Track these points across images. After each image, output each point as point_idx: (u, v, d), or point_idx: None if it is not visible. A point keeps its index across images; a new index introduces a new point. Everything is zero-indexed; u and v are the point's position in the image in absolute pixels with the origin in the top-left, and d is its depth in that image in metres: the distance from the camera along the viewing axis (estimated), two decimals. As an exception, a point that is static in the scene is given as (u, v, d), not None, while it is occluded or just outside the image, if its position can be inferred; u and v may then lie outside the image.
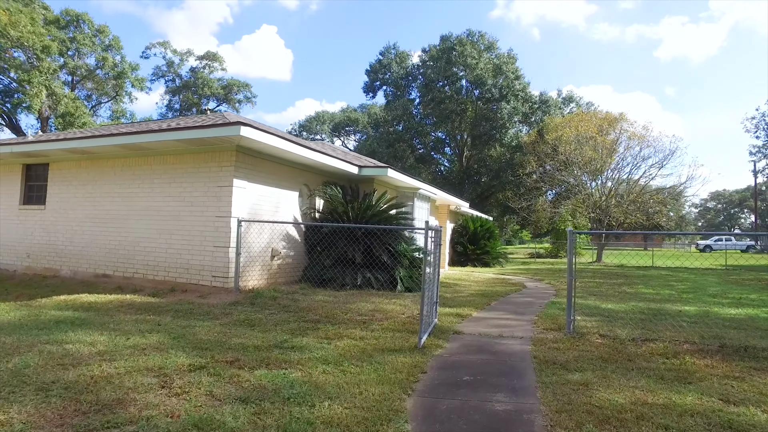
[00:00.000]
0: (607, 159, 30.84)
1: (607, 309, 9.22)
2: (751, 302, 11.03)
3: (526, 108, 42.03)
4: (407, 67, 49.00)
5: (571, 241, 6.72)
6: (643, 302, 10.55)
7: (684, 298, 11.72)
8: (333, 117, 76.55)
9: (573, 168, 31.33)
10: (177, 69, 63.98)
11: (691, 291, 13.49)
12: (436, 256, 7.46)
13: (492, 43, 43.97)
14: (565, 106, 44.33)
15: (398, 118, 47.41)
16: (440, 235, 7.43)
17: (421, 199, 16.10)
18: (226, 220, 9.44)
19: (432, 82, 43.85)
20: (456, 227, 24.02)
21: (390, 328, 6.82)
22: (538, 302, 10.33)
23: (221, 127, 8.71)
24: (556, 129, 33.12)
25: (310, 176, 12.23)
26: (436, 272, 7.45)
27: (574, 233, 6.72)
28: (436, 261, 7.45)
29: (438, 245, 7.44)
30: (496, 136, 42.18)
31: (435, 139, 49.50)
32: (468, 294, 11.40)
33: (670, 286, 14.86)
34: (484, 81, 40.99)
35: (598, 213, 30.65)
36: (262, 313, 7.56)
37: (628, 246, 60.53)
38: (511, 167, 39.34)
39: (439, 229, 7.36)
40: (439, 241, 7.41)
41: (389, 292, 10.57)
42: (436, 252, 7.45)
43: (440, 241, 7.45)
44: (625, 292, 12.78)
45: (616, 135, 31.99)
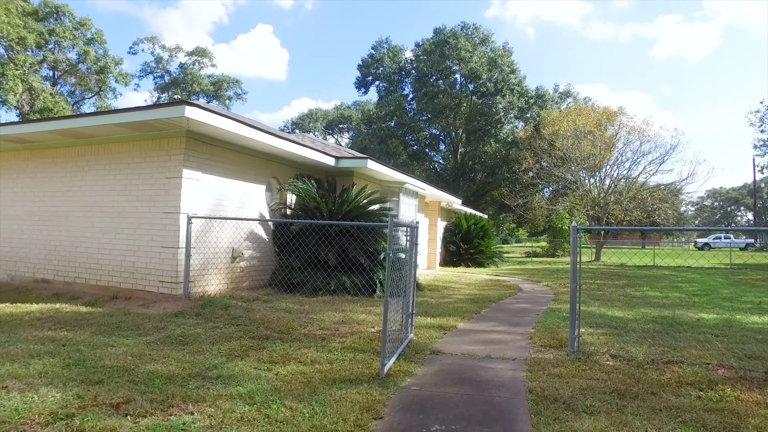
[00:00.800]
0: (605, 154, 29.66)
1: (614, 318, 7.99)
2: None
3: (522, 102, 40.80)
4: (400, 61, 47.72)
5: (575, 238, 5.49)
6: (653, 308, 9.34)
7: (697, 302, 10.52)
8: (326, 114, 75.27)
9: (570, 164, 30.13)
10: (166, 65, 62.63)
11: (702, 294, 12.30)
12: (412, 257, 6.22)
13: (487, 36, 42.74)
14: (562, 101, 43.16)
15: (391, 114, 46.12)
16: (416, 232, 6.18)
17: (408, 195, 14.85)
18: (174, 217, 8.17)
19: (425, 76, 42.58)
20: (448, 225, 22.79)
21: (353, 346, 5.57)
22: (534, 309, 9.09)
23: (163, 108, 7.44)
24: (553, 123, 31.92)
25: (280, 168, 10.96)
26: (411, 276, 6.21)
27: (578, 230, 5.49)
28: (411, 263, 6.21)
29: (414, 244, 6.20)
30: (491, 132, 40.93)
31: (429, 135, 48.23)
32: (456, 299, 10.16)
33: (678, 288, 13.67)
34: (478, 75, 39.75)
35: (596, 210, 29.47)
36: (203, 327, 6.30)
37: (626, 244, 59.54)
38: (507, 163, 38.13)
39: (413, 226, 6.12)
40: (415, 239, 6.17)
41: (366, 299, 9.32)
42: (412, 252, 6.21)
43: (416, 240, 6.20)
44: (630, 295, 11.57)
45: (615, 130, 30.83)
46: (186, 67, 62.41)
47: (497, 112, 40.21)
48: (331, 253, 9.90)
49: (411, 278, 6.20)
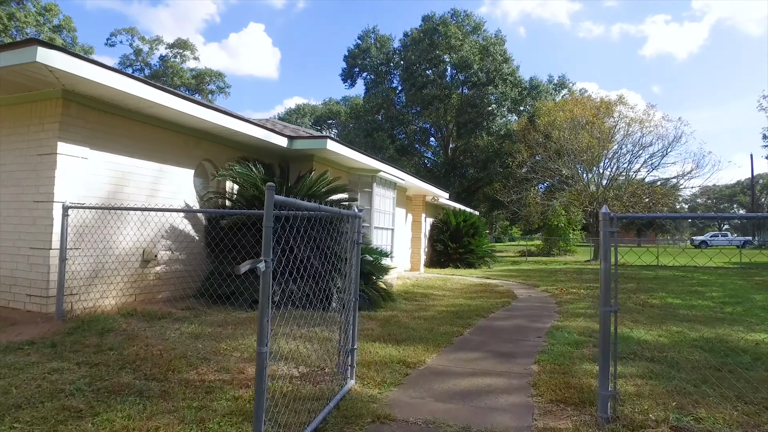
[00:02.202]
0: (604, 146, 27.68)
1: (644, 342, 5.90)
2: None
3: (515, 94, 38.74)
4: (388, 52, 45.52)
5: (608, 234, 3.38)
6: (684, 324, 7.28)
7: (733, 314, 8.48)
8: (314, 110, 73.18)
9: (567, 157, 28.13)
10: (146, 58, 60.15)
11: (733, 301, 10.28)
12: (351, 266, 4.12)
13: (478, 24, 40.67)
14: (557, 93, 41.17)
15: (378, 106, 43.97)
16: (357, 225, 4.06)
17: (384, 186, 12.73)
18: (46, 207, 5.99)
19: (413, 65, 40.42)
20: (435, 222, 20.69)
21: (248, 409, 3.42)
22: (534, 327, 6.98)
23: (5, 52, 5.22)
24: (549, 113, 29.88)
25: (218, 150, 8.80)
26: (351, 292, 4.10)
27: (614, 218, 3.38)
28: (351, 275, 4.10)
29: (356, 243, 4.09)
30: (483, 124, 38.86)
31: (418, 129, 46.07)
32: (435, 312, 8.04)
33: (699, 294, 11.66)
34: (469, 64, 37.63)
35: (595, 206, 27.48)
36: (38, 369, 4.14)
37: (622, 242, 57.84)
38: (500, 157, 36.09)
39: (354, 215, 4.01)
40: (356, 236, 4.06)
41: (317, 313, 7.19)
42: (351, 255, 4.11)
43: (359, 238, 4.08)
44: (648, 304, 9.51)
45: (615, 120, 28.83)
46: (167, 59, 59.96)
47: (489, 104, 38.15)
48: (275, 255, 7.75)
49: (351, 295, 4.08)
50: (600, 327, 3.44)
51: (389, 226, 13.18)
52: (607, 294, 3.38)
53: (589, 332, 6.37)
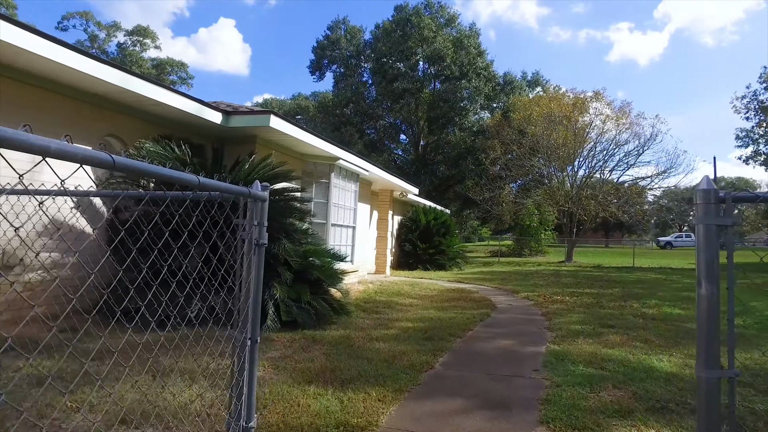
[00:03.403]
0: (580, 144, 26.69)
1: (669, 376, 4.42)
2: None
3: (489, 89, 37.51)
4: (358, 44, 43.73)
5: (714, 233, 1.80)
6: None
7: (748, 327, 7.17)
8: (282, 104, 70.84)
9: (542, 154, 27.04)
10: (102, 45, 56.67)
11: (739, 312, 9.01)
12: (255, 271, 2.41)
13: (453, 16, 39.31)
14: (531, 90, 40.20)
15: (347, 100, 42.16)
16: (263, 213, 2.35)
17: (344, 177, 11.06)
18: None
19: (384, 57, 38.76)
20: (403, 221, 19.13)
21: None
22: (525, 354, 5.42)
23: None
24: (525, 108, 28.72)
25: (129, 124, 6.98)
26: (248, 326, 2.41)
27: (729, 197, 1.80)
28: (251, 298, 2.41)
29: (257, 245, 2.39)
30: (456, 120, 37.49)
31: (388, 124, 44.46)
32: (398, 330, 6.43)
33: (690, 300, 10.41)
34: (442, 56, 36.21)
35: (569, 205, 26.45)
36: None
37: (588, 243, 57.65)
38: (472, 154, 34.81)
39: (251, 196, 2.32)
40: (260, 237, 2.36)
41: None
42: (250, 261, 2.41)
43: (263, 239, 2.37)
44: (647, 316, 8.13)
45: (591, 117, 27.91)
46: (125, 47, 56.66)
47: (462, 98, 36.82)
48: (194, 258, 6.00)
49: (247, 331, 2.41)
50: (698, 409, 1.86)
51: (350, 223, 11.52)
52: (713, 344, 1.82)
53: (600, 362, 4.87)
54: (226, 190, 2.08)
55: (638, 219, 30.10)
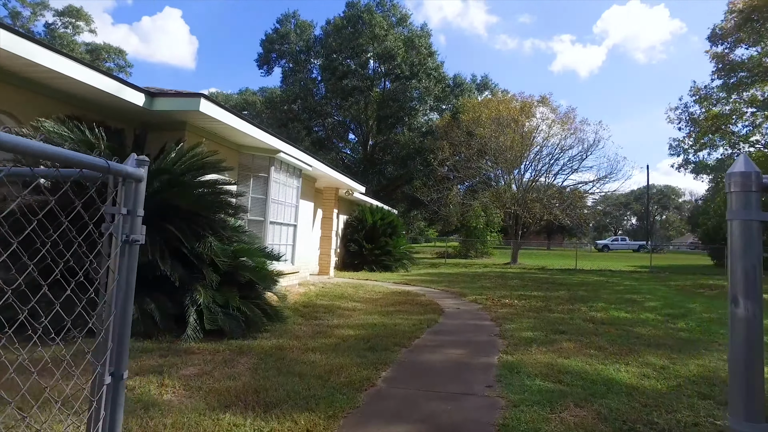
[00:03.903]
0: (527, 147, 27.03)
1: (630, 389, 4.06)
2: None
3: (439, 90, 37.52)
4: (308, 39, 42.69)
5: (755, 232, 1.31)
6: (657, 351, 5.65)
7: (692, 331, 7.06)
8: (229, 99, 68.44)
9: (490, 156, 27.19)
10: (27, 23, 52.53)
11: (677, 313, 9.06)
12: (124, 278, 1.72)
13: (404, 15, 39.09)
14: (480, 93, 40.58)
15: (295, 96, 41.06)
16: (137, 198, 1.69)
17: (285, 172, 10.33)
18: None
19: (334, 53, 38.00)
20: (349, 220, 18.53)
21: None
22: (476, 365, 4.95)
23: None
24: (474, 110, 28.80)
25: (28, 100, 6.01)
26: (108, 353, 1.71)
27: None
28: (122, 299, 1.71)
29: (126, 242, 1.71)
30: (405, 120, 37.29)
31: (337, 122, 43.66)
32: (338, 339, 5.82)
33: (637, 303, 10.45)
34: (393, 55, 35.88)
35: (516, 208, 26.72)
36: None
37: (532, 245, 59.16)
38: (421, 154, 34.66)
39: (120, 173, 1.63)
40: (131, 231, 1.69)
41: (155, 346, 4.78)
42: (123, 264, 1.72)
43: (135, 233, 1.70)
44: (596, 320, 7.94)
45: (537, 122, 28.36)
46: (54, 28, 52.83)
47: (412, 98, 36.64)
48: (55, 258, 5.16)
49: (108, 359, 1.72)
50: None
51: (291, 221, 10.80)
52: (755, 387, 1.32)
53: (557, 374, 4.46)
54: (75, 163, 1.42)
55: (579, 222, 30.91)
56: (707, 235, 30.62)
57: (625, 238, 65.36)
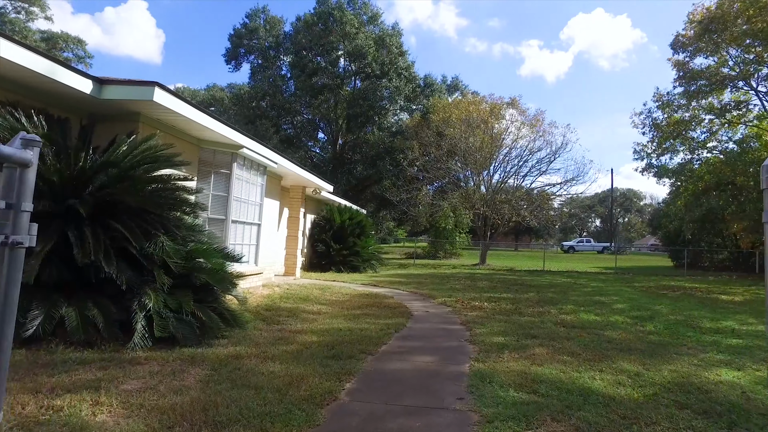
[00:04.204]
0: (496, 148, 27.14)
1: (612, 400, 3.86)
2: None
3: (409, 90, 37.38)
4: (278, 35, 41.91)
5: None
6: (628, 356, 5.52)
7: (660, 334, 6.99)
8: (195, 95, 66.83)
9: (459, 157, 27.19)
10: (-28, 8, 49.84)
11: (644, 315, 9.05)
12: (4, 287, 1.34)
13: (376, 14, 38.76)
14: (450, 94, 40.65)
15: (264, 93, 40.23)
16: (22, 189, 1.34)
17: (249, 168, 9.89)
18: None
19: (304, 49, 37.39)
20: (317, 220, 18.12)
21: None
22: (446, 375, 4.67)
23: None
24: (444, 110, 28.75)
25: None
26: None
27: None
28: None
29: (6, 244, 1.34)
30: (375, 119, 36.99)
31: (306, 120, 43.01)
32: (300, 345, 5.45)
33: (604, 305, 10.44)
34: (364, 54, 35.52)
35: (484, 209, 26.78)
36: None
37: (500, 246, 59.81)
38: (390, 154, 34.43)
39: None
40: (13, 230, 1.32)
41: (98, 357, 4.34)
42: None
43: (19, 232, 1.35)
44: (567, 323, 7.81)
45: (507, 124, 28.52)
46: (4, 13, 50.25)
47: (382, 98, 36.37)
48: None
49: None
50: None
51: (255, 220, 10.35)
52: None
53: (531, 384, 4.23)
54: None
55: (546, 224, 31.29)
56: (668, 237, 31.45)
57: (590, 240, 66.69)
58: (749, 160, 22.19)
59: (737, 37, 22.37)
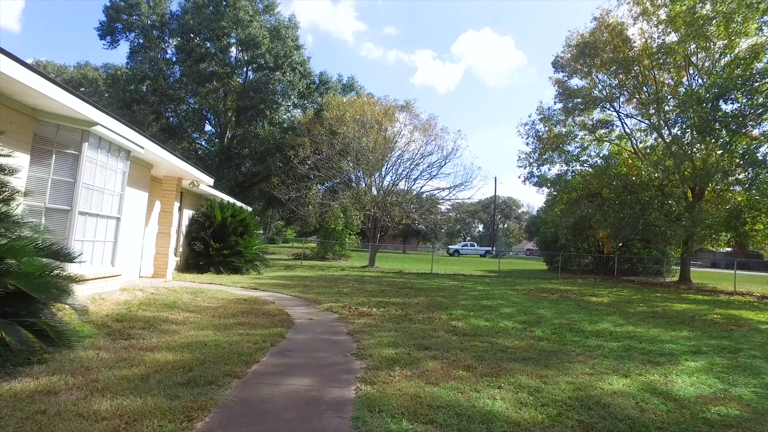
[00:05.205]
0: (389, 150, 27.02)
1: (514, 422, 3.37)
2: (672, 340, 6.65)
3: (303, 86, 36.17)
4: (163, 14, 38.30)
5: None
6: (523, 365, 5.19)
7: (550, 340, 6.88)
8: (62, 71, 59.77)
9: (352, 157, 26.66)
10: None
11: (531, 320, 9.06)
12: None
13: (272, 3, 36.93)
14: (346, 93, 40.10)
15: (144, 76, 36.53)
16: None
17: (106, 151, 8.34)
18: None
19: (192, 32, 34.54)
20: (196, 216, 16.43)
21: None
22: (327, 403, 3.88)
23: None
24: (339, 108, 28.05)
25: None
26: None
27: None
28: None
29: None
30: (266, 113, 35.26)
31: (192, 110, 39.86)
32: (149, 368, 4.35)
33: (492, 310, 10.39)
34: (257, 43, 33.63)
35: (375, 211, 26.52)
36: None
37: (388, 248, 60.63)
38: (281, 150, 32.97)
39: None
40: None
41: None
42: None
43: None
44: (459, 331, 7.45)
45: (400, 126, 28.55)
46: None
47: (275, 91, 34.77)
48: None
49: None
50: None
51: (113, 213, 8.80)
52: None
53: (427, 410, 3.61)
54: None
55: (434, 227, 31.94)
56: (544, 242, 33.66)
57: (474, 244, 70.02)
58: (613, 174, 24.37)
59: (605, 64, 24.50)
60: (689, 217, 20.05)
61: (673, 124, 22.78)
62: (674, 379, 5.24)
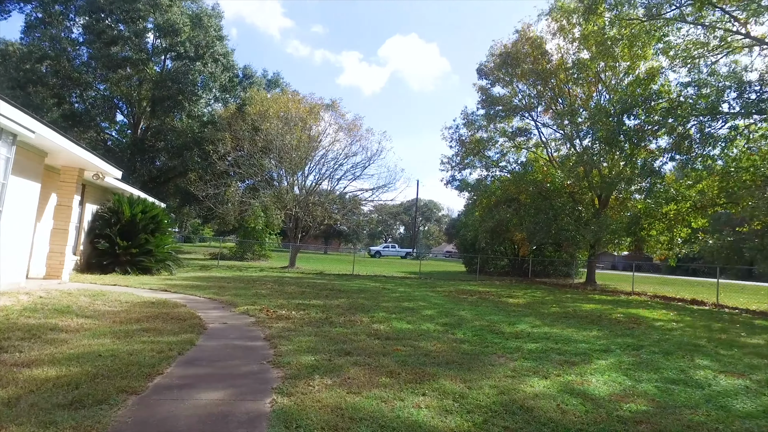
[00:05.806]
0: (313, 149, 26.52)
1: None
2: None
3: (226, 79, 34.67)
4: (68, -11, 35.11)
5: None
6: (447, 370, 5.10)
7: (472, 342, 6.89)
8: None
9: (274, 155, 25.86)
10: None
11: (452, 321, 9.11)
12: None
13: (194, -10, 35.13)
14: (270, 89, 38.97)
15: (44, 54, 33.19)
16: None
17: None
18: None
19: (102, 11, 31.92)
20: (101, 211, 15.07)
21: None
22: (240, 418, 3.51)
23: None
24: (262, 103, 27.12)
25: None
26: None
27: None
28: None
29: None
30: (185, 105, 33.38)
31: (101, 97, 36.82)
32: (19, 390, 3.70)
33: (414, 312, 10.34)
34: (177, 30, 31.69)
35: (296, 210, 25.90)
36: None
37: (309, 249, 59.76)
38: (199, 145, 31.36)
39: None
40: None
41: None
42: None
43: None
44: (380, 334, 7.27)
45: (325, 126, 28.13)
46: None
47: (195, 82, 33.00)
48: None
49: None
50: None
51: (-6, 204, 7.75)
52: None
53: (348, 422, 3.36)
54: None
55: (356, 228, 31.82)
56: (464, 245, 34.59)
57: (395, 246, 70.78)
58: (529, 180, 25.52)
59: (525, 74, 25.65)
60: (596, 222, 21.42)
61: (584, 135, 24.26)
62: (589, 379, 5.38)
